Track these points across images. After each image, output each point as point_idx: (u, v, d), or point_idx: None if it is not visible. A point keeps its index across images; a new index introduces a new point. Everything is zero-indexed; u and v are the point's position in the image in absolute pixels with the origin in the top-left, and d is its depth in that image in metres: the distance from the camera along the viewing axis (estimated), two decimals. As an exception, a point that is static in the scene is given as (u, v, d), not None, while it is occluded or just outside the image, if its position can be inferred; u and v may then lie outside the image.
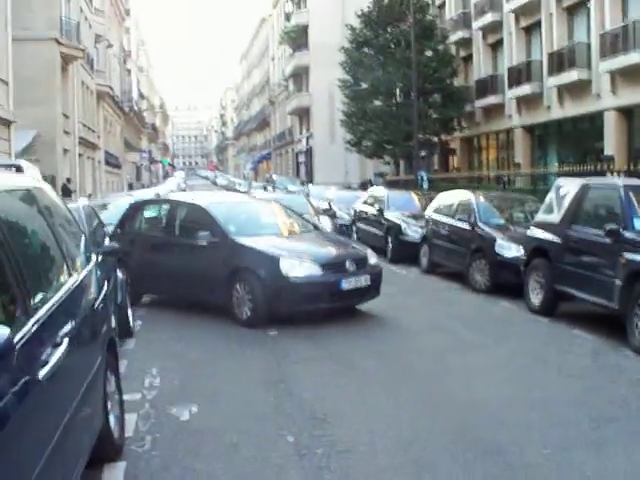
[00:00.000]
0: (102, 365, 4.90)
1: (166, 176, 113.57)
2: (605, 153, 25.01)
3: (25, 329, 3.38)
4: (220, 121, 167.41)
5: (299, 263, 10.16)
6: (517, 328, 10.22)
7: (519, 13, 31.30)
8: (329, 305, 10.30)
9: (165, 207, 12.63)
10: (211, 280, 10.64)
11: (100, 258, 7.77)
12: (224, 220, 11.06)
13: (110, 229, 11.93)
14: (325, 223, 17.80)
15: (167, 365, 8.03)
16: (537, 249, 11.34)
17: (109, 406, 5.14)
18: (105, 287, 5.78)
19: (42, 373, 3.36)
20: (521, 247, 12.42)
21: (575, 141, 29.52)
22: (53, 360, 3.53)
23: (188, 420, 6.19)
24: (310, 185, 38.54)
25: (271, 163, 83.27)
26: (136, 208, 13.05)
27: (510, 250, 12.65)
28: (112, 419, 5.20)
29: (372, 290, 10.89)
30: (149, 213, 13.15)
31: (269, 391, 7.02)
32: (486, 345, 9.14)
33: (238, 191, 61.54)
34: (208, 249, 10.76)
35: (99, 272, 5.77)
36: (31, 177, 5.20)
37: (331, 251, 11.05)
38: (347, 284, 10.28)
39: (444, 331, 9.98)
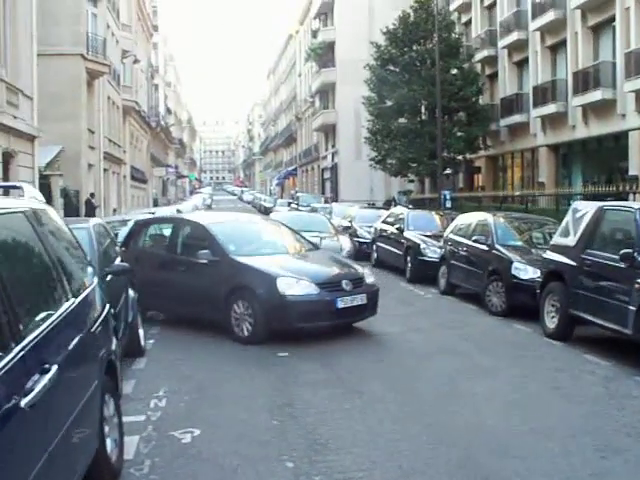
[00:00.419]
0: (98, 389, 4.89)
1: (193, 191, 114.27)
2: (630, 173, 24.83)
3: (9, 356, 3.37)
4: (247, 136, 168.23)
5: (296, 282, 10.39)
6: (530, 352, 10.09)
7: (544, 32, 31.27)
8: (326, 323, 10.50)
9: (168, 225, 12.92)
10: (211, 298, 10.82)
11: (109, 278, 7.85)
12: (224, 239, 11.32)
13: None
14: (344, 242, 17.78)
15: (175, 387, 8.02)
16: (553, 272, 11.24)
17: (106, 430, 5.12)
18: (106, 309, 5.78)
19: (25, 401, 3.35)
20: (538, 270, 12.34)
21: (600, 161, 29.36)
22: (38, 387, 3.51)
23: (190, 443, 6.16)
24: (334, 203, 38.51)
25: (297, 179, 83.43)
26: (141, 226, 13.27)
27: (527, 272, 12.55)
28: (109, 443, 5.19)
29: (369, 309, 11.08)
30: (153, 231, 13.30)
31: (274, 415, 6.98)
32: (497, 369, 9.04)
33: (263, 206, 62.09)
34: (208, 267, 10.98)
35: (99, 294, 5.78)
36: (31, 199, 5.23)
37: (328, 271, 11.26)
38: (343, 303, 10.49)
39: (456, 354, 9.88)
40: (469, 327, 12.04)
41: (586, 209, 10.96)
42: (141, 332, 9.80)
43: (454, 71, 35.24)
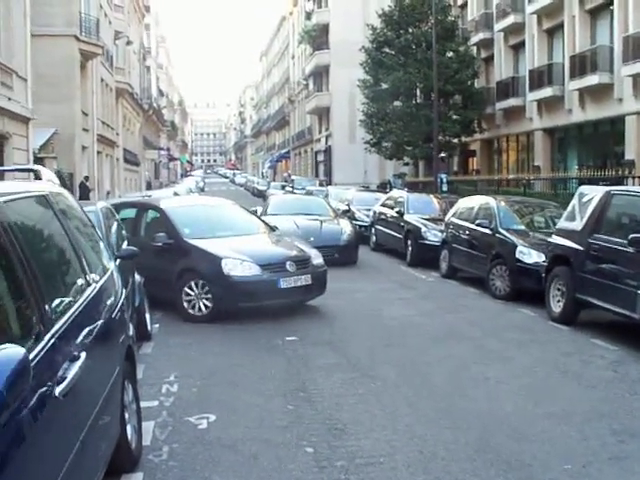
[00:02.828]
0: (120, 375, 4.84)
1: (184, 174, 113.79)
2: (626, 158, 24.84)
3: (41, 344, 3.29)
4: (239, 119, 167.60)
5: (240, 263, 10.87)
6: (537, 337, 10.07)
7: (541, 15, 31.15)
8: (269, 302, 10.86)
9: (133, 209, 13.10)
10: (166, 279, 11.10)
11: (118, 262, 7.78)
12: (180, 222, 11.85)
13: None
14: (345, 226, 17.67)
15: (185, 371, 7.97)
16: (559, 256, 11.21)
17: (126, 416, 5.07)
18: (124, 294, 5.72)
19: (59, 390, 3.28)
20: (542, 253, 12.32)
21: (596, 145, 29.34)
22: (70, 375, 3.45)
23: (206, 429, 6.11)
24: (330, 186, 38.35)
25: (290, 162, 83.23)
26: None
27: (531, 256, 12.53)
28: (129, 429, 5.14)
29: (315, 289, 11.52)
30: (123, 214, 13.21)
31: (288, 400, 6.94)
32: (506, 354, 9.02)
33: (256, 189, 61.89)
34: (164, 250, 11.34)
35: (117, 278, 5.71)
36: (48, 182, 5.14)
37: (273, 252, 11.69)
38: (286, 283, 10.93)
39: (464, 338, 9.86)
40: (474, 311, 12.01)
41: (593, 193, 10.91)
42: (147, 316, 9.75)
43: (450, 54, 35.05)
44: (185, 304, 10.93)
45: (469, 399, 7.10)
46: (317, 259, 11.77)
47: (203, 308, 10.87)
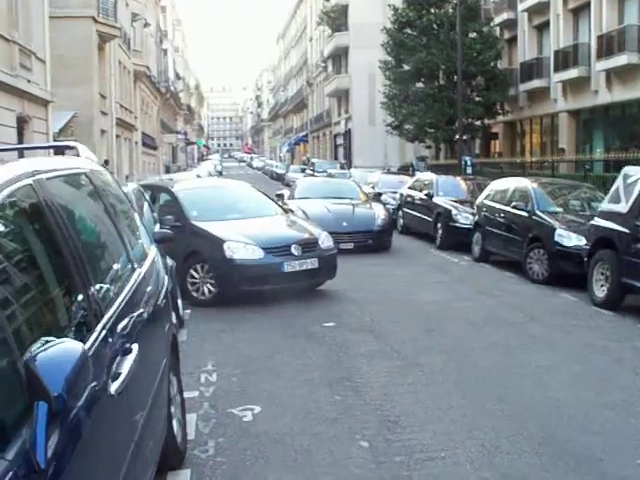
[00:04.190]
0: (167, 367, 4.50)
1: (201, 158, 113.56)
2: (654, 140, 24.34)
3: (93, 336, 2.93)
4: (256, 102, 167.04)
5: (243, 246, 10.65)
6: (583, 322, 9.69)
7: (567, -6, 30.48)
8: (273, 286, 10.57)
9: (148, 192, 12.70)
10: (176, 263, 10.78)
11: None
12: (189, 205, 11.76)
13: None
14: (378, 210, 17.09)
15: (222, 360, 7.66)
16: (602, 239, 10.81)
17: (172, 410, 4.74)
18: (167, 280, 5.38)
19: (114, 387, 2.94)
20: (581, 236, 11.94)
21: (622, 127, 28.73)
22: (125, 370, 3.11)
23: (252, 422, 5.79)
24: (352, 169, 37.87)
25: (308, 146, 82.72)
26: None
27: (570, 239, 12.14)
28: (175, 424, 4.81)
29: (322, 273, 11.25)
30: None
31: (334, 390, 6.60)
32: (554, 340, 8.66)
33: (275, 172, 61.50)
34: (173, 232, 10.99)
35: (159, 262, 5.36)
36: (87, 159, 4.79)
37: (277, 235, 11.31)
38: (290, 267, 10.68)
39: (507, 323, 9.50)
40: (513, 295, 11.62)
41: (638, 175, 10.50)
42: (180, 302, 9.44)
43: (473, 35, 34.47)
44: (190, 287, 10.76)
45: (522, 388, 6.75)
46: (326, 242, 11.47)
47: (206, 292, 10.72)
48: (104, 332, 3.08)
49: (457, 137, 32.00)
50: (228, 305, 10.46)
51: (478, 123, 35.40)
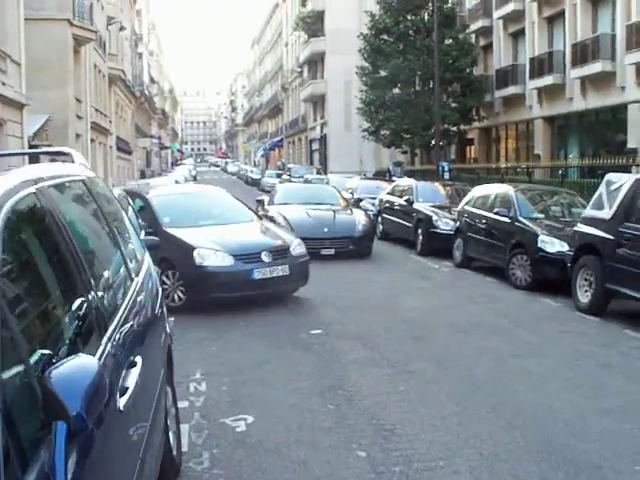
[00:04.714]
0: (164, 378, 4.40)
1: (175, 162, 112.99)
2: (628, 146, 24.54)
3: (100, 349, 2.83)
4: (230, 107, 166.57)
5: (213, 253, 10.63)
6: (568, 328, 9.70)
7: (542, 2, 30.80)
8: (243, 293, 10.54)
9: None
10: None
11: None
12: (162, 211, 11.78)
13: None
14: (359, 217, 17.01)
15: (210, 369, 7.55)
16: (586, 246, 10.84)
17: (168, 422, 4.64)
18: (160, 288, 5.28)
19: (122, 402, 2.84)
20: (564, 243, 11.99)
21: (597, 133, 29.03)
22: (132, 384, 3.02)
23: (245, 432, 5.69)
24: (330, 174, 37.81)
25: (283, 151, 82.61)
26: None
27: (553, 245, 12.17)
28: (171, 436, 4.71)
29: (294, 279, 11.18)
30: None
31: (326, 399, 6.52)
32: (542, 346, 8.65)
33: (250, 177, 61.31)
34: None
35: (153, 270, 5.26)
36: (81, 166, 4.68)
37: (248, 242, 11.25)
38: (260, 274, 10.63)
39: (493, 330, 9.48)
40: (497, 301, 11.62)
41: (621, 181, 10.56)
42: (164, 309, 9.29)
43: (449, 41, 34.66)
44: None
45: (516, 394, 6.73)
46: (298, 249, 11.41)
47: (177, 298, 10.65)
48: (110, 345, 2.98)
49: (433, 143, 32.13)
50: (207, 312, 10.31)
51: (454, 129, 35.56)
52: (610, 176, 11.19)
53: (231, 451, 5.31)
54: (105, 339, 2.97)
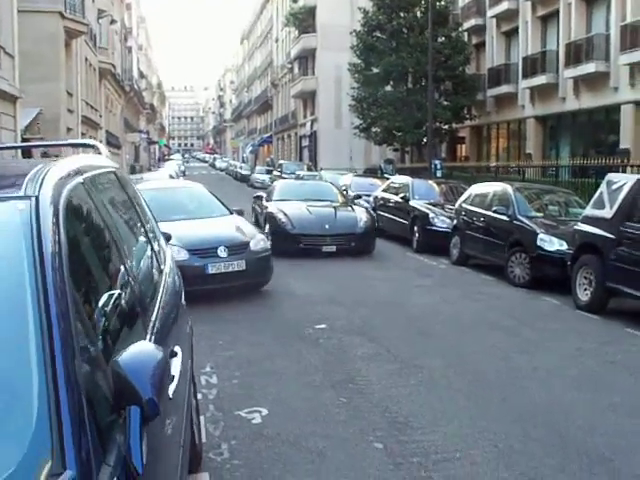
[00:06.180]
0: (190, 368, 4.45)
1: (162, 158, 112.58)
2: (621, 146, 24.71)
3: (147, 339, 2.86)
4: (218, 103, 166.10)
5: (168, 247, 10.37)
6: (571, 326, 9.80)
7: (536, 2, 30.91)
8: (199, 287, 10.20)
9: None
10: None
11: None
12: None
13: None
14: (361, 214, 16.93)
15: (219, 362, 7.58)
16: (586, 244, 10.94)
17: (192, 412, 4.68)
18: (180, 277, 5.30)
19: (171, 389, 2.86)
20: (563, 241, 12.09)
21: (589, 134, 29.17)
22: (177, 373, 3.07)
23: (262, 424, 5.74)
24: (323, 171, 37.79)
25: (272, 147, 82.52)
26: None
27: (552, 244, 12.27)
28: (193, 426, 4.75)
29: (250, 275, 11.09)
30: None
31: (338, 392, 6.57)
32: (545, 343, 8.73)
33: (239, 173, 61.19)
34: None
35: (173, 261, 5.29)
36: (107, 158, 4.71)
37: (205, 236, 11.26)
38: (214, 268, 10.71)
39: (496, 327, 9.55)
40: (497, 299, 11.70)
41: (623, 181, 10.67)
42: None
43: (441, 39, 34.76)
44: None
45: (523, 389, 6.82)
46: (259, 245, 11.41)
47: None
48: (153, 335, 3.03)
49: (425, 140, 32.21)
50: (204, 306, 10.05)
51: (446, 127, 35.66)
52: (611, 176, 11.30)
53: (250, 443, 5.35)
54: (149, 329, 3.01)
